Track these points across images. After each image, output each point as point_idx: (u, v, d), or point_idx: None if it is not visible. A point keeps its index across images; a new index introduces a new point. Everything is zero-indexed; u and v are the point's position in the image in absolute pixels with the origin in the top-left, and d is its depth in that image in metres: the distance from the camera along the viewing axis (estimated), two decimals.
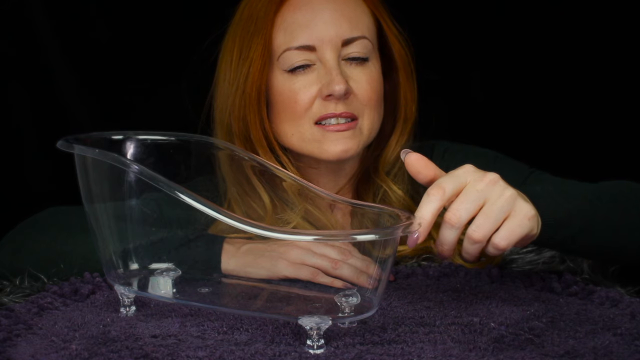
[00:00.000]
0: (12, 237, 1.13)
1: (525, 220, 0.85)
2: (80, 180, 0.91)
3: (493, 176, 0.85)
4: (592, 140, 1.72)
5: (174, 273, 0.95)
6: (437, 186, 0.84)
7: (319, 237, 0.83)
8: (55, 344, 0.83)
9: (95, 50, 1.68)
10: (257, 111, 1.14)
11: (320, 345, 0.81)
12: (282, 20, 1.14)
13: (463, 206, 0.84)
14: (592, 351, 0.80)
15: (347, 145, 1.14)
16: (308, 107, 1.13)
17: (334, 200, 1.00)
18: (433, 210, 0.84)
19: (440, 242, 0.86)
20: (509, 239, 0.85)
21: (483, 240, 0.85)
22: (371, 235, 0.79)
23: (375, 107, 1.16)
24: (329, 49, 1.13)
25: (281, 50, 1.13)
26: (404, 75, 1.20)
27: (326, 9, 1.13)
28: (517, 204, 0.85)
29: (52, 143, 0.91)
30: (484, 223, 0.84)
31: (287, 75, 1.14)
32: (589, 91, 1.72)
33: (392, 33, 1.19)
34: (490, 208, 0.84)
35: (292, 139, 1.15)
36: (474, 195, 0.84)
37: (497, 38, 1.72)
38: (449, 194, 0.84)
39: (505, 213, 0.85)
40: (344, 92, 1.11)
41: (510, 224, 0.85)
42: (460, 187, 0.85)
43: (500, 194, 0.84)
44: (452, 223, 0.84)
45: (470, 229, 0.85)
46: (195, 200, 0.80)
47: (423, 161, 0.89)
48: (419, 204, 0.85)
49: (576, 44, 1.71)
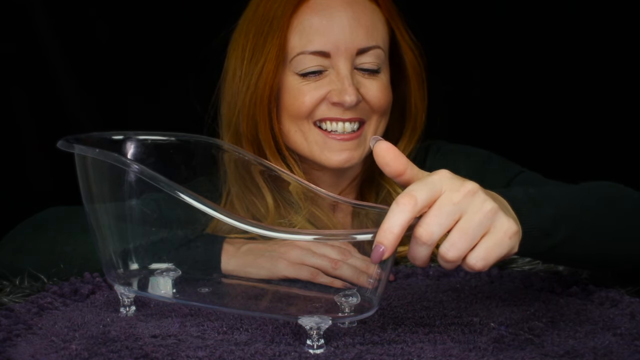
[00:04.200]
0: (12, 237, 1.13)
1: (505, 239, 0.75)
2: (81, 180, 0.91)
3: (472, 186, 0.75)
4: (592, 141, 1.73)
5: (174, 273, 0.95)
6: (409, 195, 0.73)
7: (319, 237, 0.83)
8: (55, 344, 0.83)
9: (95, 50, 1.68)
10: (267, 111, 1.14)
11: (320, 345, 0.81)
12: (298, 22, 1.13)
13: (436, 220, 0.73)
14: (592, 351, 0.80)
15: (350, 155, 1.15)
16: (313, 109, 1.14)
17: (335, 200, 1.00)
18: (402, 222, 0.73)
19: (412, 257, 0.76)
20: (486, 260, 0.74)
21: (457, 261, 0.75)
22: (371, 235, 0.79)
23: (383, 115, 1.17)
24: (343, 57, 1.13)
25: (295, 52, 1.13)
26: (415, 84, 1.20)
27: (344, 15, 1.13)
28: (497, 220, 0.74)
29: (52, 143, 0.91)
30: (458, 241, 0.74)
31: (298, 77, 1.14)
32: (588, 91, 1.72)
33: (405, 42, 1.19)
34: (466, 224, 0.74)
35: (296, 135, 1.16)
36: (449, 208, 0.73)
37: (497, 38, 1.72)
38: (421, 204, 0.73)
39: (483, 230, 0.74)
40: (355, 103, 1.12)
41: (489, 242, 0.74)
42: (434, 196, 0.74)
43: (478, 208, 0.74)
44: (423, 240, 0.74)
45: (443, 247, 0.74)
46: (195, 200, 0.80)
47: (393, 152, 0.77)
48: (387, 213, 0.74)
49: (576, 44, 1.71)
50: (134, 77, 1.67)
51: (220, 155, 1.07)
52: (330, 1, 1.14)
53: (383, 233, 0.74)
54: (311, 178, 1.20)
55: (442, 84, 1.23)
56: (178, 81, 1.34)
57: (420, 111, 1.21)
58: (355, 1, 1.15)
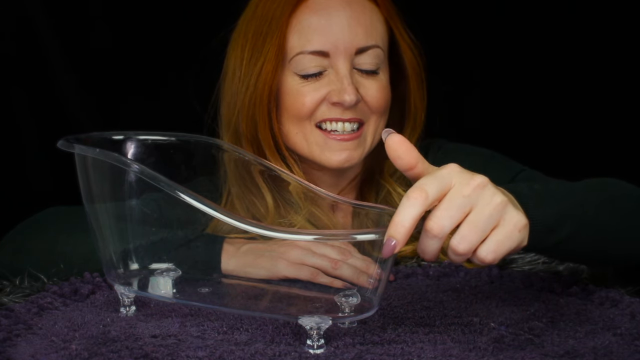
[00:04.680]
0: (12, 237, 1.13)
1: (515, 232, 0.76)
2: (81, 180, 0.91)
3: (481, 179, 0.75)
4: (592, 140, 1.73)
5: (174, 273, 0.95)
6: (419, 188, 0.74)
7: (319, 237, 0.83)
8: (55, 344, 0.83)
9: (95, 50, 1.68)
10: (266, 111, 1.14)
11: (320, 345, 0.81)
12: (297, 22, 1.13)
13: (447, 213, 0.74)
14: (592, 351, 0.80)
15: (350, 155, 1.15)
16: (314, 110, 1.14)
17: (335, 200, 1.00)
18: (413, 215, 0.73)
19: (422, 251, 0.76)
20: (496, 253, 0.75)
21: (467, 253, 0.75)
22: (371, 235, 0.79)
23: (382, 115, 1.17)
24: (342, 57, 1.13)
25: (294, 52, 1.13)
26: (415, 84, 1.20)
27: (343, 15, 1.13)
28: (506, 213, 0.75)
29: (52, 143, 0.91)
30: (469, 234, 0.74)
31: (297, 78, 1.14)
32: (588, 91, 1.72)
33: (404, 42, 1.19)
34: (477, 217, 0.74)
35: (297, 137, 1.16)
36: (459, 202, 0.74)
37: (496, 38, 1.72)
38: (432, 198, 0.73)
39: (493, 222, 0.75)
40: (354, 103, 1.12)
41: (499, 235, 0.75)
42: (444, 190, 0.74)
43: (488, 201, 0.74)
44: (434, 233, 0.74)
45: (454, 239, 0.75)
46: (196, 200, 0.80)
47: (405, 145, 0.77)
48: (398, 207, 0.74)
49: (576, 43, 1.71)
50: (134, 77, 1.67)
51: (220, 155, 1.07)
52: (329, 1, 1.14)
53: (394, 227, 0.74)
54: (311, 178, 1.20)
55: (441, 83, 1.23)
56: (178, 81, 1.34)
57: (419, 111, 1.21)
58: (354, 1, 1.15)
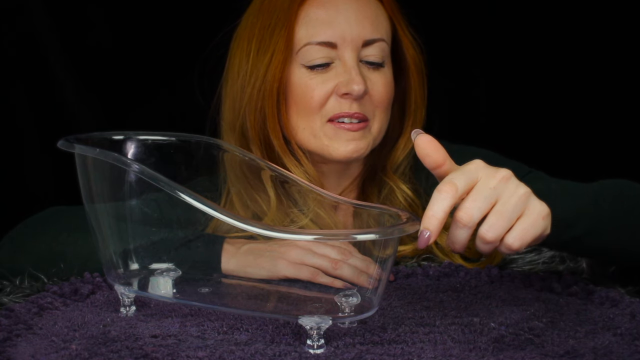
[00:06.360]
0: (12, 237, 1.13)
1: (539, 220, 0.82)
2: (81, 180, 0.91)
3: (505, 172, 0.82)
4: (593, 141, 1.72)
5: (174, 273, 0.95)
6: (449, 182, 0.80)
7: (319, 237, 0.83)
8: (55, 344, 0.83)
9: (96, 50, 1.68)
10: (275, 103, 1.14)
11: (320, 345, 0.81)
12: (305, 14, 1.14)
13: (475, 204, 0.80)
14: (592, 351, 0.80)
15: (357, 146, 1.15)
16: (323, 104, 1.14)
17: (336, 200, 1.01)
18: (445, 208, 0.79)
19: (452, 241, 0.82)
20: (523, 240, 0.81)
21: (496, 241, 0.81)
22: (371, 235, 0.79)
23: (386, 110, 1.17)
24: (349, 48, 1.13)
25: (302, 44, 1.14)
26: (416, 80, 1.21)
27: (350, 8, 1.14)
28: (530, 202, 0.82)
29: (52, 143, 0.91)
30: (496, 222, 0.80)
31: (305, 70, 1.14)
32: (590, 89, 1.72)
33: (407, 39, 1.20)
34: (503, 207, 0.80)
35: (304, 132, 1.16)
36: (487, 193, 0.80)
37: (498, 36, 1.72)
38: (461, 191, 0.80)
39: (518, 212, 0.81)
40: (363, 92, 1.12)
41: (524, 223, 0.81)
42: (472, 183, 0.81)
43: (513, 192, 0.81)
44: (464, 222, 0.80)
45: (482, 228, 0.81)
46: (195, 200, 0.80)
47: (434, 144, 0.84)
48: (430, 201, 0.80)
49: (576, 44, 1.71)
50: (135, 77, 1.66)
51: (221, 155, 1.07)
52: None
53: (428, 219, 0.79)
54: None
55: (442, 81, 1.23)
56: (179, 81, 1.34)
57: (420, 108, 1.21)
58: None
